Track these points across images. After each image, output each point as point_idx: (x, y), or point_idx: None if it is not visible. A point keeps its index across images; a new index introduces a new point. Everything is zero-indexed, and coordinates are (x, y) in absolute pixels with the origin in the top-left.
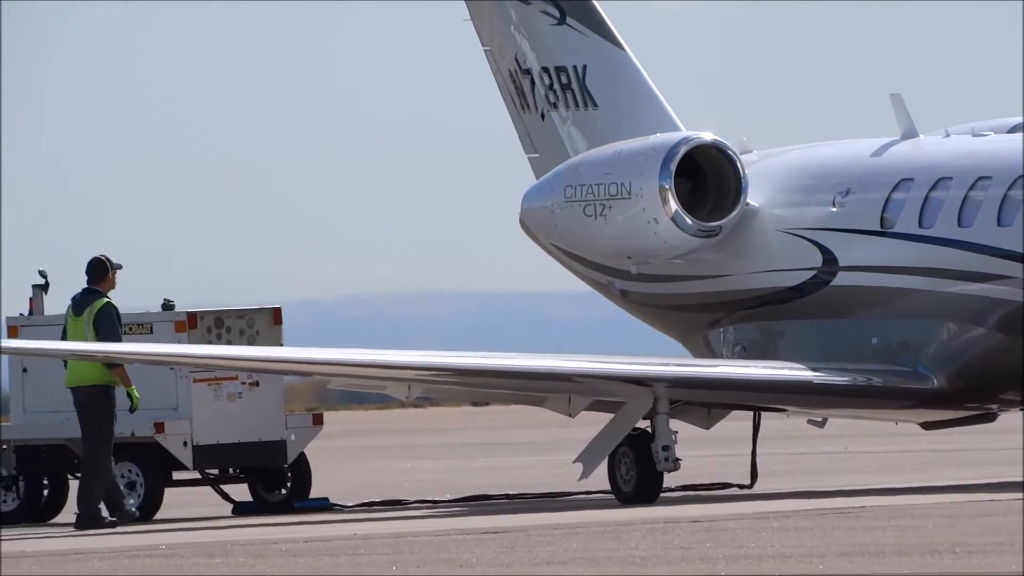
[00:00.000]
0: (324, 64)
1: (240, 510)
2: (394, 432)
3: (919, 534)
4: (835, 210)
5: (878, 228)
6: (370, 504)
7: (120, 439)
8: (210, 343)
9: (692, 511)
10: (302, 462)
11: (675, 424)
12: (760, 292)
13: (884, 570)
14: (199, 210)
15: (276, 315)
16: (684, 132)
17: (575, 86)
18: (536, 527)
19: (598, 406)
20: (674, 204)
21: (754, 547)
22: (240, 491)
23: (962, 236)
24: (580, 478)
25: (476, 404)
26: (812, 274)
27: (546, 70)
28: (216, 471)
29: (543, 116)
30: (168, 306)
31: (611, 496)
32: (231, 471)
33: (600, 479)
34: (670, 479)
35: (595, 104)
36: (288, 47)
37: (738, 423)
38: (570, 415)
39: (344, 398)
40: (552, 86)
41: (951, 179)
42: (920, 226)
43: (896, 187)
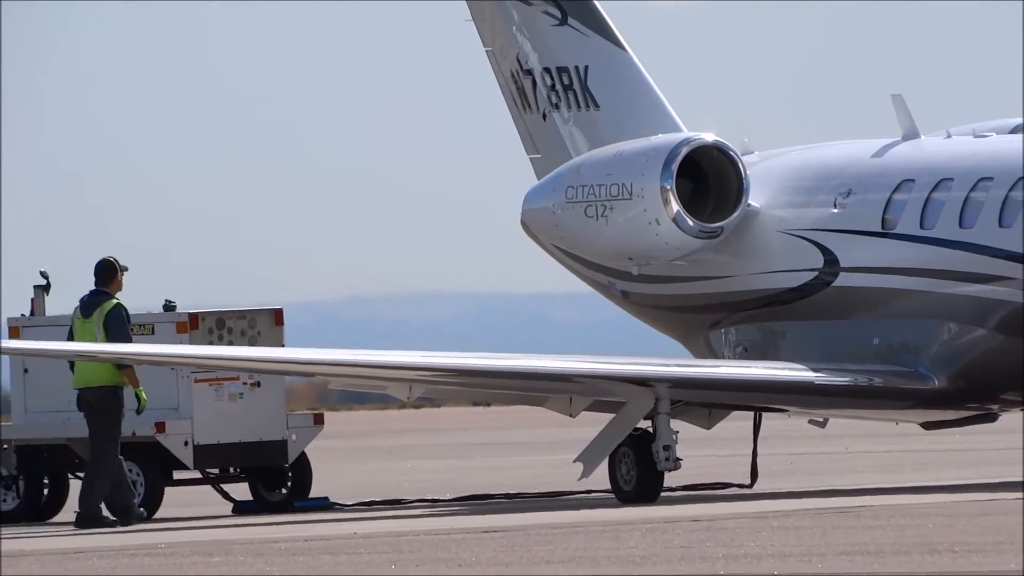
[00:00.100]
0: (324, 64)
1: (240, 509)
2: (394, 432)
3: (919, 533)
4: (836, 211)
5: (879, 229)
6: (370, 503)
7: (121, 439)
8: (211, 344)
9: (692, 511)
10: (303, 462)
11: (676, 424)
12: (761, 293)
13: (884, 569)
14: (200, 210)
15: (277, 316)
16: (686, 133)
17: (577, 87)
18: (536, 526)
19: (599, 406)
20: (675, 205)
21: (754, 546)
22: (240, 490)
23: (963, 237)
24: (580, 478)
25: (477, 404)
26: (813, 275)
27: (548, 71)
28: (217, 471)
29: (545, 117)
30: (169, 307)
31: (611, 496)
32: (232, 471)
33: (600, 479)
34: (671, 479)
35: (597, 105)
36: (288, 47)
37: (739, 423)
38: (571, 415)
39: (345, 398)
40: (554, 87)
41: (952, 180)
42: (921, 227)
43: (897, 188)
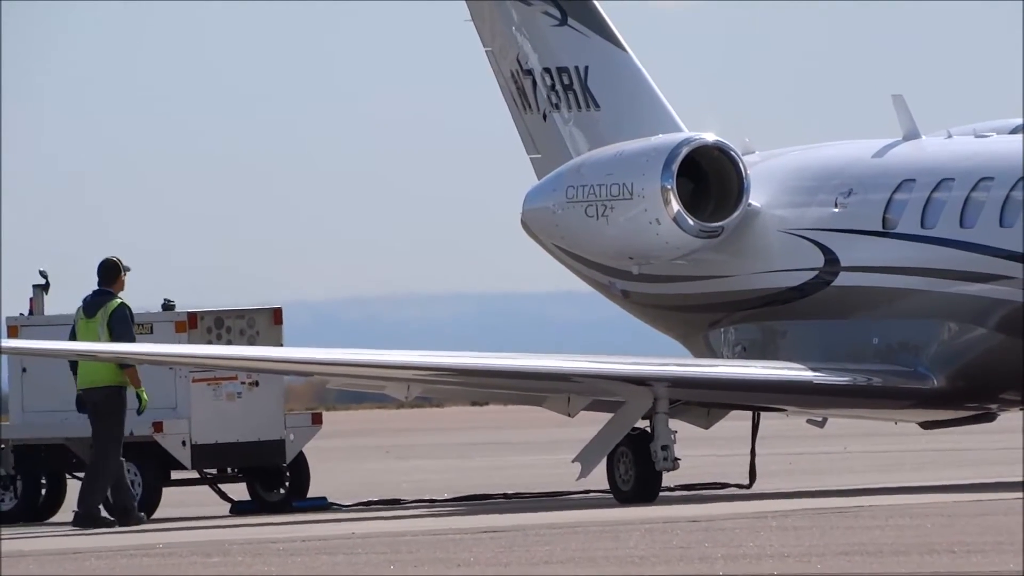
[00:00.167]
0: (324, 64)
1: (238, 509)
2: (393, 432)
3: (918, 533)
4: (837, 211)
5: (880, 229)
6: (368, 503)
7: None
8: (210, 343)
9: (691, 511)
10: (301, 462)
11: (674, 424)
12: (761, 292)
13: (883, 569)
14: (199, 210)
15: (276, 315)
16: (686, 133)
17: (577, 87)
18: (534, 526)
19: (597, 406)
20: (676, 205)
21: (752, 546)
22: (238, 490)
23: (964, 237)
24: (579, 478)
25: (476, 404)
26: (814, 274)
27: (548, 71)
28: (214, 470)
29: (545, 117)
30: (168, 306)
31: (610, 496)
32: (229, 470)
33: (599, 479)
34: (669, 479)
35: (597, 105)
36: (288, 47)
37: (737, 423)
38: (569, 415)
39: (343, 398)
40: (554, 87)
41: (953, 180)
42: (922, 227)
43: (898, 188)
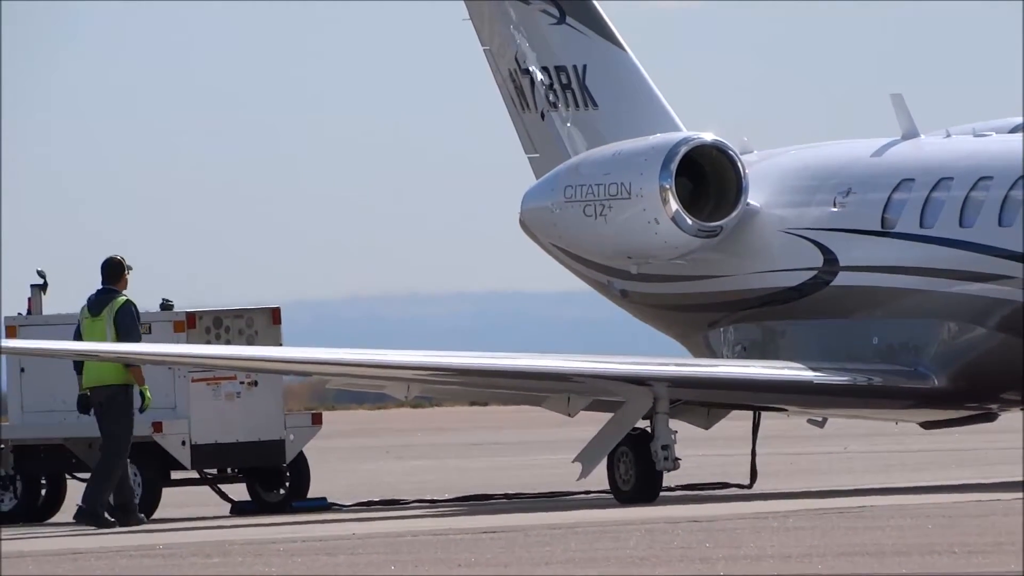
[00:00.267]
0: (324, 64)
1: (238, 510)
2: (393, 432)
3: (919, 534)
4: (836, 210)
5: (879, 228)
6: (368, 504)
7: None
8: (209, 343)
9: (691, 511)
10: (300, 462)
11: (674, 424)
12: (761, 292)
13: (884, 570)
14: (198, 210)
15: (275, 315)
16: (684, 132)
17: (575, 86)
18: (535, 527)
19: (597, 406)
20: (674, 204)
21: (753, 547)
22: (238, 491)
23: (963, 236)
24: (579, 478)
25: (476, 404)
26: (813, 274)
27: (546, 70)
28: (214, 471)
29: (543, 116)
30: (167, 306)
31: (610, 496)
32: (229, 471)
33: (599, 479)
34: (669, 479)
35: (595, 104)
36: (287, 47)
37: (738, 423)
38: (569, 415)
39: (343, 397)
40: (552, 86)
41: (952, 179)
42: (921, 226)
43: (897, 187)
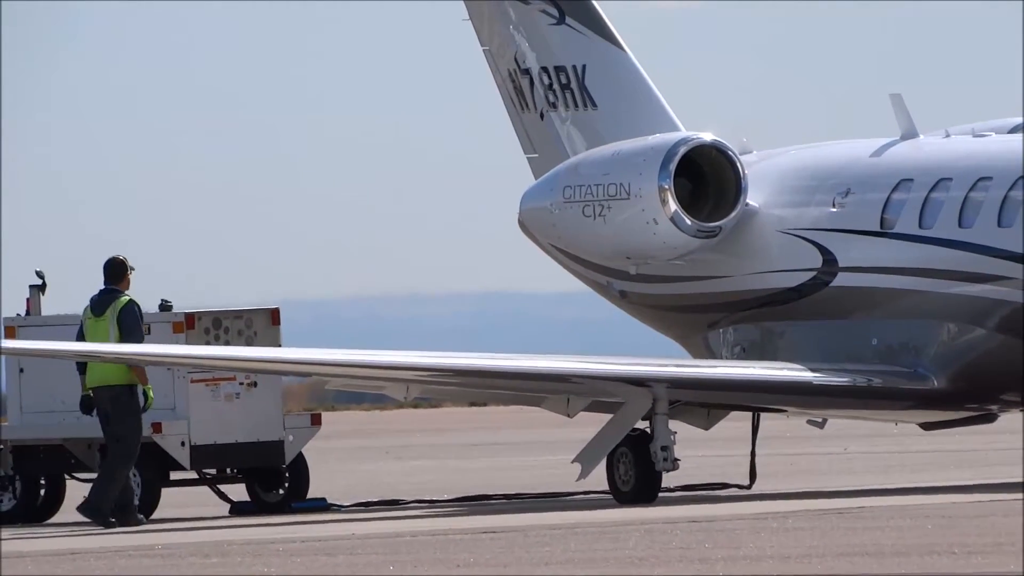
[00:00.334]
0: (323, 63)
1: (237, 510)
2: (392, 432)
3: (918, 534)
4: (835, 211)
5: (878, 229)
6: (367, 504)
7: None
8: (208, 344)
9: (691, 511)
10: (300, 462)
11: (674, 424)
12: (760, 293)
13: (883, 570)
14: (198, 210)
15: (274, 316)
16: (683, 132)
17: (574, 86)
18: (534, 527)
19: (597, 406)
20: (673, 205)
21: (752, 548)
22: (237, 491)
23: (962, 237)
24: (578, 478)
25: (475, 404)
26: (812, 275)
27: (545, 70)
28: (213, 471)
29: (542, 116)
30: (166, 307)
31: (609, 496)
32: (228, 471)
33: (598, 479)
34: (669, 479)
35: (594, 104)
36: (287, 47)
37: (737, 423)
38: (568, 415)
39: (342, 398)
40: (551, 86)
41: (951, 180)
42: (920, 227)
43: (896, 188)
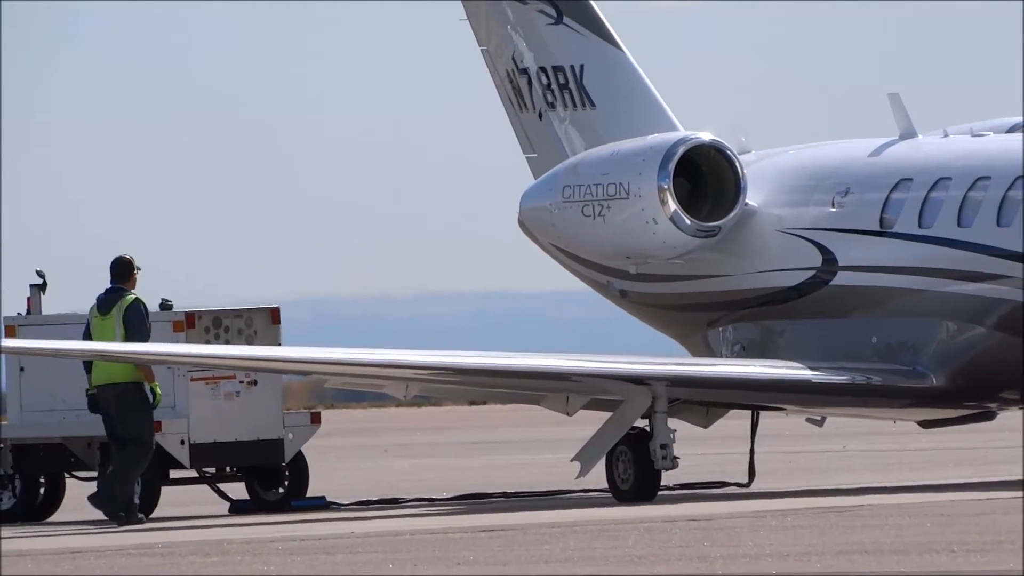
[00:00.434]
0: (324, 63)
1: (237, 508)
2: (392, 431)
3: (918, 533)
4: (834, 210)
5: (877, 228)
6: (367, 502)
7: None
8: (208, 343)
9: (690, 510)
10: (299, 461)
11: (673, 423)
12: (759, 292)
13: (882, 569)
14: (198, 210)
15: (274, 315)
16: (682, 132)
17: (572, 86)
18: (533, 525)
19: (596, 405)
20: (673, 204)
21: (752, 546)
22: (237, 489)
23: (961, 236)
24: (578, 476)
25: (474, 403)
26: (811, 274)
27: (543, 70)
28: (213, 469)
29: (541, 116)
30: (166, 306)
31: (609, 495)
32: (228, 469)
33: (598, 478)
34: (668, 478)
35: (593, 104)
36: (286, 46)
37: (736, 422)
38: (568, 414)
39: (341, 396)
40: (550, 86)
41: (950, 179)
42: (919, 226)
43: (895, 187)
